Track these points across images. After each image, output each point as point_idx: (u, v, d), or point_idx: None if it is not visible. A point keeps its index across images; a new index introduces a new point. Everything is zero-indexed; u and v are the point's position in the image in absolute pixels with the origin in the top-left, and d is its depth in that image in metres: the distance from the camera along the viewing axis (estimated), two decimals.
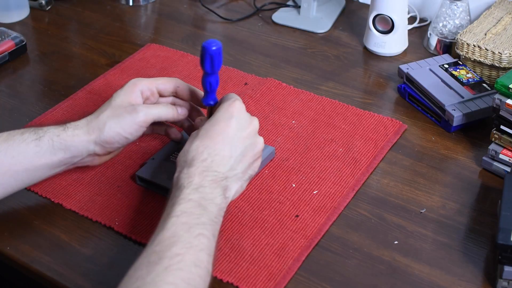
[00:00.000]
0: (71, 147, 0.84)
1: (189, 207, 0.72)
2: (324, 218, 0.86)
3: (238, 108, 0.80)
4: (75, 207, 0.88)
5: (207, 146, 0.77)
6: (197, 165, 0.76)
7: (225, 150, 0.78)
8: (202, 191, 0.74)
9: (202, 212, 0.72)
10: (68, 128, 0.85)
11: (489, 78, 1.08)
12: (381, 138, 0.99)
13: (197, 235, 0.70)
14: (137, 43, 1.24)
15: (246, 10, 1.34)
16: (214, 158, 0.77)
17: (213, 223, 0.73)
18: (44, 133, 0.84)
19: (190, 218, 0.71)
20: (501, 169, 0.92)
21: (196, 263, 0.68)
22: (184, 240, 0.69)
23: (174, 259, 0.66)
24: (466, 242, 0.83)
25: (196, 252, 0.68)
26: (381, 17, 1.17)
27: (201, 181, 0.75)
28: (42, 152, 0.83)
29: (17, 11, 1.30)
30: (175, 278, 0.65)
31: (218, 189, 0.76)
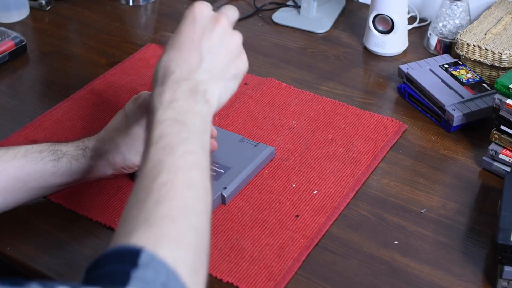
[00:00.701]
0: (88, 171, 0.85)
1: (165, 127, 0.65)
2: (324, 218, 0.86)
3: (199, 10, 0.72)
4: (75, 207, 0.88)
5: (173, 59, 0.70)
6: (167, 80, 0.68)
7: (193, 56, 0.70)
8: (174, 106, 0.66)
9: (181, 127, 0.65)
10: (87, 153, 0.84)
11: (489, 78, 1.08)
12: (381, 138, 0.99)
13: (182, 153, 0.63)
14: (137, 43, 1.24)
15: (246, 10, 1.34)
16: (182, 67, 0.69)
17: (197, 134, 0.66)
18: (62, 155, 0.83)
19: (169, 139, 0.64)
20: (501, 169, 0.92)
21: (188, 185, 0.62)
22: (168, 165, 0.62)
23: (162, 189, 0.60)
24: (466, 242, 0.83)
25: (185, 173, 0.62)
26: (381, 17, 1.17)
27: (173, 95, 0.67)
28: (59, 173, 0.83)
29: (17, 11, 1.30)
30: (167, 209, 0.59)
31: (193, 97, 0.68)
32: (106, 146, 0.85)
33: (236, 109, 1.04)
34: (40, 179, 0.82)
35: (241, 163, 0.91)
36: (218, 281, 0.78)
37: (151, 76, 1.12)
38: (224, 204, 0.88)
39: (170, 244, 0.57)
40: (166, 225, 0.58)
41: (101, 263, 0.54)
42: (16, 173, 0.81)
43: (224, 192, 0.87)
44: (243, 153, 0.93)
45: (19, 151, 0.82)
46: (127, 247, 0.55)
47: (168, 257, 0.55)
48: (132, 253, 0.54)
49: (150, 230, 0.57)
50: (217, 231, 0.84)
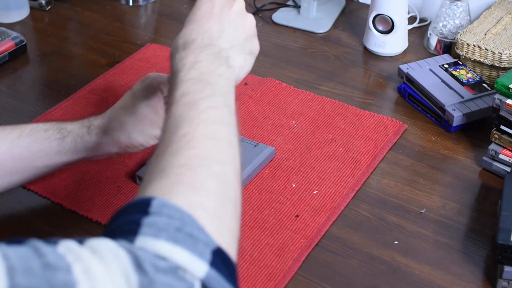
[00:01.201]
0: (93, 149, 0.84)
1: (188, 86, 0.63)
2: (324, 218, 0.86)
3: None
4: (75, 207, 0.88)
5: (194, 29, 0.69)
6: (189, 46, 0.68)
7: (214, 27, 0.70)
8: (198, 67, 0.65)
9: (205, 86, 0.63)
10: (92, 130, 0.84)
11: (489, 78, 1.08)
12: (381, 138, 0.99)
13: (205, 108, 0.61)
14: (137, 43, 1.24)
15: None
16: (204, 35, 0.69)
17: (221, 94, 0.64)
18: (67, 133, 0.83)
19: (192, 96, 0.62)
20: (501, 169, 0.92)
21: (209, 136, 0.59)
22: (190, 118, 0.60)
23: (182, 141, 0.58)
24: (466, 242, 0.83)
25: (207, 125, 0.60)
26: (381, 17, 1.17)
27: (196, 58, 0.66)
28: (64, 152, 0.83)
29: (17, 11, 1.30)
30: (186, 158, 0.56)
31: (217, 60, 0.67)
32: (112, 124, 0.84)
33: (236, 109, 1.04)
34: (46, 158, 0.82)
35: None
36: None
37: None
38: None
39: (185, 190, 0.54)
40: (183, 174, 0.55)
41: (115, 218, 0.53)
42: (22, 152, 0.81)
43: None
44: (243, 153, 0.92)
45: (24, 130, 0.82)
46: (139, 199, 0.53)
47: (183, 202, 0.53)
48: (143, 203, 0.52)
49: (166, 179, 0.55)
50: None
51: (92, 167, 0.93)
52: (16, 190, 0.91)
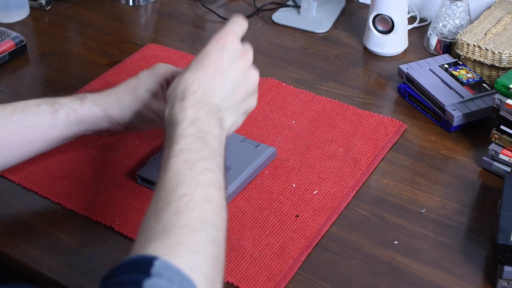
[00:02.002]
0: (86, 122, 0.84)
1: (188, 143, 0.67)
2: (324, 218, 0.86)
3: (230, 39, 0.75)
4: (75, 207, 0.88)
5: (197, 78, 0.72)
6: (189, 97, 0.70)
7: (217, 82, 0.73)
8: (198, 124, 0.69)
9: (203, 146, 0.67)
10: (85, 102, 0.84)
11: (489, 78, 1.08)
12: (381, 138, 0.99)
13: (202, 170, 0.64)
14: (137, 43, 1.24)
15: (246, 10, 1.34)
16: (205, 89, 0.72)
17: (216, 155, 0.68)
18: (60, 107, 0.83)
19: (191, 154, 0.66)
20: (501, 169, 0.92)
21: (207, 200, 0.62)
22: (189, 178, 0.63)
23: (182, 200, 0.61)
24: (466, 242, 0.83)
25: (205, 188, 0.63)
26: (381, 17, 1.17)
27: (196, 114, 0.69)
28: (57, 125, 0.83)
29: (17, 11, 1.30)
30: (187, 219, 0.59)
31: (214, 121, 0.71)
32: (107, 99, 0.85)
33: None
34: (39, 132, 0.82)
35: (242, 163, 0.91)
36: None
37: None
38: None
39: (188, 253, 0.56)
40: (185, 235, 0.58)
41: (115, 273, 0.54)
42: (15, 128, 0.81)
43: None
44: (244, 153, 0.93)
45: (17, 106, 0.83)
46: (141, 256, 0.55)
47: (184, 265, 0.54)
48: (145, 262, 0.54)
49: (168, 240, 0.57)
50: None
51: (93, 167, 0.93)
52: (16, 190, 0.91)
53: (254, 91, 0.78)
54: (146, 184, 0.90)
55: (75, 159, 0.95)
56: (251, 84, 0.77)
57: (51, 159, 0.94)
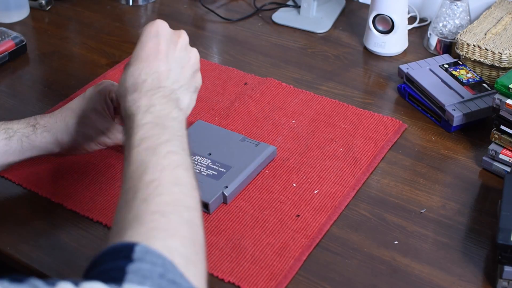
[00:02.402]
0: (38, 147, 0.86)
1: (147, 131, 0.66)
2: (325, 217, 0.86)
3: (160, 25, 0.75)
4: (75, 207, 0.88)
5: (142, 68, 0.72)
6: (139, 88, 0.71)
7: (161, 66, 0.73)
8: (153, 111, 0.68)
9: (162, 130, 0.67)
10: (37, 128, 0.86)
11: (489, 78, 1.08)
12: (381, 138, 0.99)
13: (166, 154, 0.64)
14: None
15: (246, 10, 1.34)
16: (153, 76, 0.72)
17: (178, 137, 0.68)
18: (14, 133, 0.85)
19: (152, 141, 0.65)
20: (501, 169, 0.92)
21: (175, 182, 0.62)
22: (153, 164, 0.63)
23: (150, 187, 0.61)
24: (466, 242, 0.83)
25: (171, 171, 0.63)
26: (381, 17, 1.17)
27: (149, 101, 0.69)
28: (11, 151, 0.85)
29: (17, 11, 1.30)
30: (157, 205, 0.59)
31: (169, 103, 0.71)
32: (57, 124, 0.86)
33: (236, 109, 1.04)
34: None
35: (242, 162, 0.91)
36: (220, 281, 0.78)
37: None
38: (226, 204, 0.88)
39: (163, 236, 0.57)
40: (158, 220, 0.58)
41: (98, 262, 0.54)
42: None
43: (225, 192, 0.87)
44: (245, 152, 0.93)
45: None
46: (121, 244, 0.55)
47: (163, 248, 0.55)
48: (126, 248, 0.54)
49: (142, 226, 0.57)
50: (218, 231, 0.84)
51: (93, 167, 0.93)
52: (16, 190, 0.91)
53: (198, 68, 0.79)
54: None
55: (75, 159, 0.95)
56: (193, 61, 0.78)
57: (52, 160, 0.94)
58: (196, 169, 0.90)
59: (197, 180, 0.65)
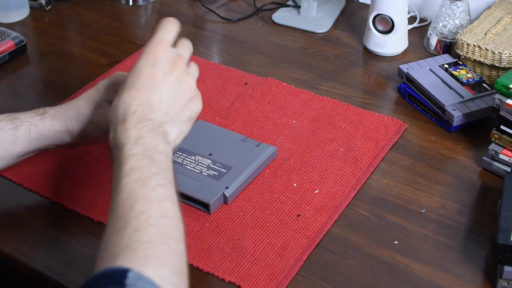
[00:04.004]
0: (48, 137, 0.85)
1: (136, 162, 0.68)
2: (325, 217, 0.86)
3: (160, 51, 0.76)
4: (76, 207, 0.88)
5: (134, 97, 0.73)
6: (129, 118, 0.72)
7: (153, 98, 0.74)
8: (142, 143, 0.70)
9: (150, 162, 0.69)
10: (45, 117, 0.85)
11: (489, 78, 1.08)
12: (382, 137, 0.99)
13: (154, 186, 0.67)
14: (137, 43, 1.24)
15: (246, 10, 1.34)
16: (144, 107, 0.73)
17: (165, 170, 0.70)
18: (21, 123, 0.84)
19: (141, 173, 0.67)
20: (501, 169, 0.92)
21: (163, 215, 0.65)
22: (142, 196, 0.65)
23: (140, 218, 0.63)
24: (466, 242, 0.84)
25: (160, 203, 0.65)
26: (381, 17, 1.17)
27: (139, 133, 0.71)
28: (18, 141, 0.83)
29: (17, 11, 1.30)
30: (148, 235, 0.62)
31: (157, 136, 0.72)
32: (68, 113, 0.85)
33: (237, 109, 1.05)
34: (0, 148, 0.83)
35: (243, 162, 0.91)
36: (220, 280, 0.78)
37: None
38: (226, 204, 0.88)
39: (155, 265, 0.59)
40: (149, 249, 0.60)
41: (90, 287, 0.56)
42: None
43: (226, 192, 0.87)
44: (245, 152, 0.93)
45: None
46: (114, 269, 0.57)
47: (155, 276, 0.58)
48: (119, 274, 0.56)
49: (134, 254, 0.60)
50: (219, 231, 0.84)
51: (94, 168, 0.93)
52: (17, 191, 0.91)
53: (194, 95, 0.78)
54: None
55: (76, 159, 0.95)
56: (187, 90, 0.77)
57: (52, 160, 0.94)
58: (197, 169, 0.91)
59: (181, 212, 0.68)
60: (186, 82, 0.77)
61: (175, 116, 0.76)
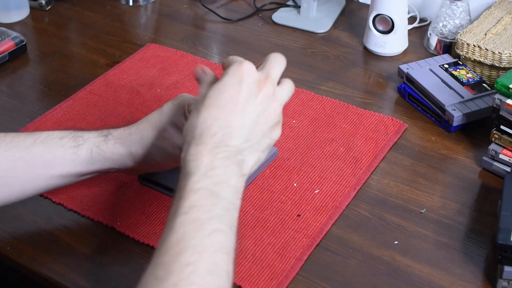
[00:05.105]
0: (110, 159, 0.80)
1: (199, 198, 0.63)
2: (326, 217, 0.86)
3: (247, 70, 0.70)
4: (76, 207, 0.88)
5: (216, 118, 0.67)
6: (207, 141, 0.66)
7: (236, 120, 0.68)
8: (212, 175, 0.64)
9: (215, 201, 0.63)
10: (109, 139, 0.80)
11: (489, 78, 1.08)
12: (382, 137, 0.99)
13: (211, 232, 0.61)
14: (137, 43, 1.24)
15: (246, 10, 1.34)
16: (225, 130, 0.67)
17: (229, 211, 0.64)
18: (84, 142, 0.80)
19: (201, 213, 0.62)
20: (501, 169, 0.92)
21: (211, 270, 0.59)
22: (195, 243, 0.59)
23: (184, 271, 0.57)
24: (466, 242, 0.84)
25: (211, 255, 0.60)
26: (381, 17, 1.17)
27: (212, 161, 0.65)
28: (79, 161, 0.79)
29: (17, 11, 1.30)
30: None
31: (231, 167, 0.66)
32: (132, 136, 0.81)
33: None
34: (60, 166, 0.79)
35: None
36: None
37: (151, 76, 1.13)
38: None
39: None
40: None
41: None
42: (34, 160, 0.78)
43: None
44: None
45: (39, 137, 0.79)
46: None
47: None
48: None
49: None
50: None
51: None
52: None
53: (277, 122, 0.72)
54: (146, 183, 0.90)
55: None
56: (272, 115, 0.71)
57: None
58: None
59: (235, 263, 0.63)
60: (272, 106, 0.71)
61: (255, 143, 0.70)
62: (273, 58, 0.74)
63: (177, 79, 1.12)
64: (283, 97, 0.73)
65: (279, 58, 0.74)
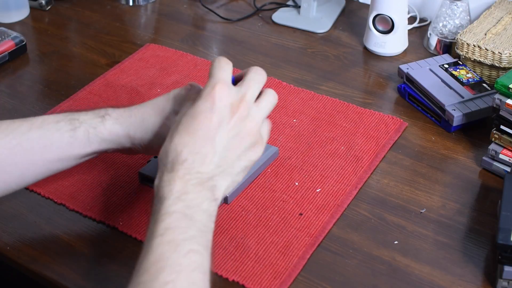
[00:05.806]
0: (108, 140, 0.80)
1: (173, 220, 0.64)
2: (327, 216, 0.86)
3: (219, 95, 0.69)
4: (78, 207, 0.88)
5: (186, 144, 0.68)
6: (177, 168, 0.67)
7: (206, 147, 0.68)
8: (185, 199, 0.66)
9: (189, 223, 0.65)
10: (106, 119, 0.79)
11: (489, 78, 1.08)
12: (382, 136, 0.99)
13: (187, 252, 0.62)
14: (137, 43, 1.24)
15: (246, 10, 1.34)
16: (195, 157, 0.68)
17: (203, 233, 0.65)
18: (80, 124, 0.79)
19: (176, 234, 0.63)
20: (501, 169, 0.92)
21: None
22: (172, 262, 0.61)
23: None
24: (466, 242, 0.84)
25: (188, 274, 0.61)
26: (381, 17, 1.17)
27: (184, 187, 0.66)
28: (76, 143, 0.79)
29: (17, 11, 1.30)
30: None
31: (203, 192, 0.67)
32: (131, 119, 0.80)
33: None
34: (57, 150, 0.79)
35: None
36: (224, 279, 0.78)
37: (151, 76, 1.13)
38: (227, 204, 0.88)
39: None
40: None
41: None
42: (32, 146, 0.77)
43: None
44: None
45: (35, 122, 0.79)
46: None
47: None
48: None
49: None
50: (221, 230, 0.84)
51: (95, 167, 0.93)
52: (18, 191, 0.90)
53: (253, 142, 0.72)
54: (148, 182, 0.90)
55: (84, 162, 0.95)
56: (246, 138, 0.71)
57: None
58: None
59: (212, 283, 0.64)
60: (246, 128, 0.71)
61: (228, 167, 0.70)
62: (252, 75, 0.73)
63: (177, 79, 1.13)
64: (261, 114, 0.73)
65: (258, 75, 0.73)
